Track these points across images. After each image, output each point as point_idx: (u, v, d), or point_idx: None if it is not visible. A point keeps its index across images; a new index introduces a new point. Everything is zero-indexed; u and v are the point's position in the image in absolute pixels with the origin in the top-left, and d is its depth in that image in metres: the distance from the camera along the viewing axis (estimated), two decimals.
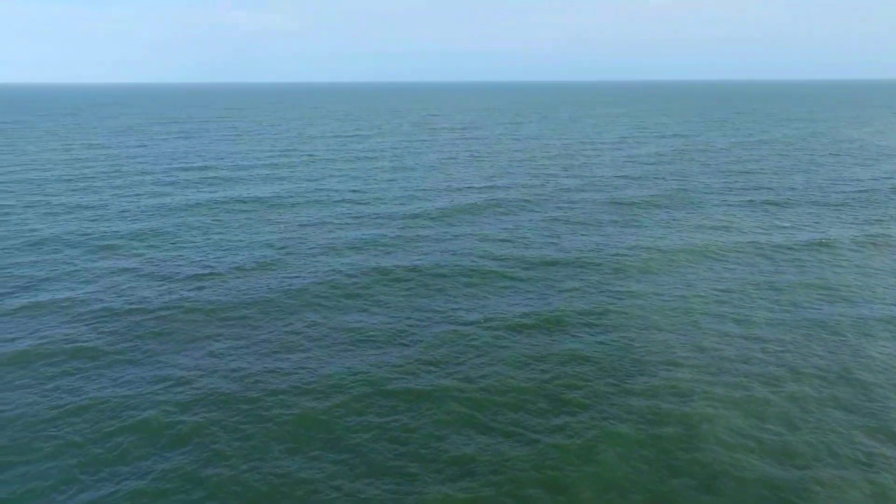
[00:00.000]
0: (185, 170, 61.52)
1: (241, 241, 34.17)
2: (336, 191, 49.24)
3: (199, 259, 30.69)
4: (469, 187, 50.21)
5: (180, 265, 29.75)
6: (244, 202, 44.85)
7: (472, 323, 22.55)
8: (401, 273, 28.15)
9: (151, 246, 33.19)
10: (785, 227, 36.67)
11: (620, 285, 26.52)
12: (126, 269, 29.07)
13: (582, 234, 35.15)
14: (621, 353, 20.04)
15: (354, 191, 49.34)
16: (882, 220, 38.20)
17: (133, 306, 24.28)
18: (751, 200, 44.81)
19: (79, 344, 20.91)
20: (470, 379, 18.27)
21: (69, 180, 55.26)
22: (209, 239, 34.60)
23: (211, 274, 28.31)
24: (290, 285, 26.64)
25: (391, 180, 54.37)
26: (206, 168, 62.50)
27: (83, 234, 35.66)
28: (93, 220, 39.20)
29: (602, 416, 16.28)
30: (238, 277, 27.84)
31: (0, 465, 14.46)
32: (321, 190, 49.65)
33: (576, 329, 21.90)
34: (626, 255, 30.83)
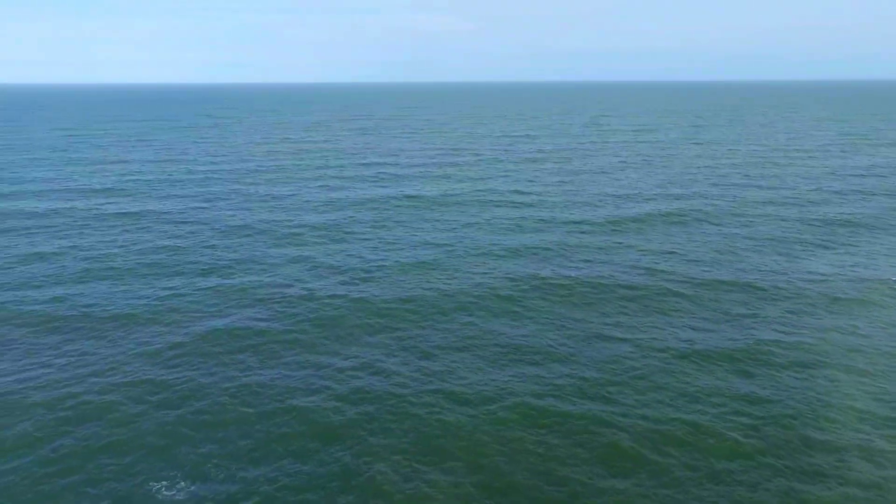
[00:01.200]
0: (362, 165, 65.35)
1: (405, 237, 35.38)
2: (500, 192, 49.29)
3: (366, 253, 32.23)
4: (639, 194, 47.65)
5: (349, 257, 31.44)
6: (411, 199, 46.47)
7: (631, 343, 21.16)
8: (559, 282, 27.29)
9: (326, 238, 35.51)
10: None
11: (807, 317, 23.39)
12: (302, 259, 31.33)
13: (764, 255, 31.67)
14: (805, 397, 17.56)
15: (519, 192, 49.04)
16: None
17: (304, 294, 26.05)
18: None
19: (255, 326, 22.82)
20: (630, 408, 17.05)
21: (263, 171, 61.20)
22: (377, 234, 36.25)
23: (376, 268, 29.56)
24: (447, 286, 26.96)
25: (557, 183, 53.30)
26: (379, 164, 65.89)
27: (271, 223, 39.14)
28: (281, 210, 42.92)
29: (782, 469, 14.31)
30: (399, 273, 28.76)
31: (202, 426, 16.12)
32: (486, 190, 49.99)
33: (751, 364, 19.62)
34: (816, 283, 27.19)
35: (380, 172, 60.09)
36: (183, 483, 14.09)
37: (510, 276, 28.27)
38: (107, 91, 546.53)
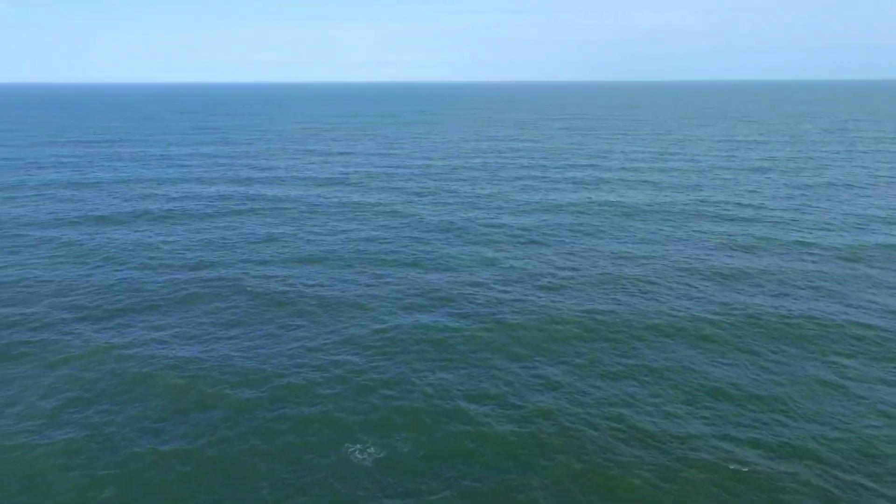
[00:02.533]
0: (566, 167, 64.39)
1: (600, 245, 34.01)
2: (714, 203, 45.21)
3: (558, 260, 31.58)
4: (889, 220, 40.52)
5: (541, 263, 31.06)
6: (613, 205, 44.60)
7: (867, 402, 17.95)
8: (774, 314, 24.16)
9: (521, 240, 35.51)
10: None
11: None
12: (496, 261, 31.66)
13: None
14: None
15: (736, 205, 44.56)
16: None
17: (493, 296, 26.25)
18: None
19: (444, 322, 23.51)
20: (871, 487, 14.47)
21: (470, 169, 63.20)
22: (572, 240, 35.35)
23: (566, 276, 28.81)
24: (641, 304, 25.33)
25: (785, 197, 47.45)
26: (584, 167, 64.33)
27: (470, 221, 40.22)
28: (482, 209, 43.94)
29: None
30: (590, 284, 27.69)
31: (392, 409, 17.14)
32: (697, 200, 46.21)
33: None
34: None
35: (583, 175, 58.68)
36: (372, 450, 15.82)
37: (715, 300, 25.70)
38: (339, 88, 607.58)
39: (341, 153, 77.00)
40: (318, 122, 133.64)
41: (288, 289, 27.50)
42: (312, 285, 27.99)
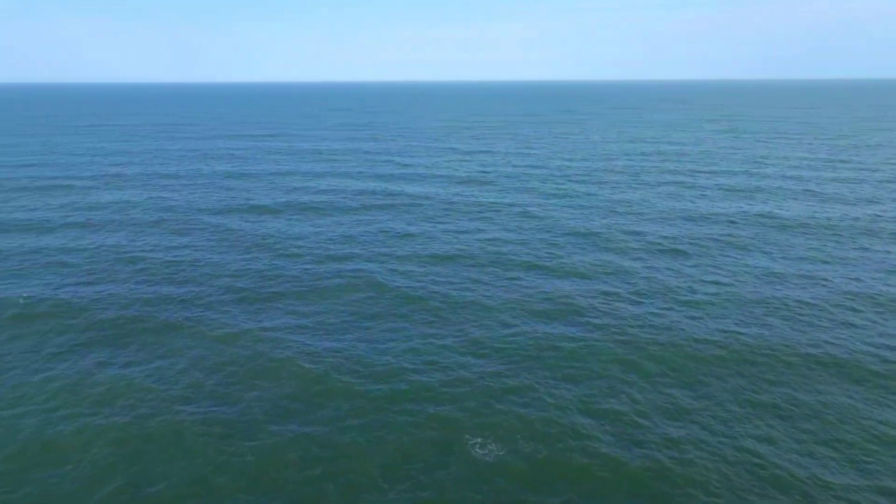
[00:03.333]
0: (716, 173, 60.24)
1: (748, 261, 31.42)
2: (893, 220, 40.08)
3: (697, 274, 29.64)
4: None
5: (678, 276, 29.33)
6: (764, 218, 41.02)
7: None
8: None
9: (660, 252, 33.75)
10: None
11: None
12: (631, 272, 30.37)
13: None
14: None
15: None
16: None
17: (623, 312, 25.21)
18: None
19: (567, 332, 22.98)
20: None
21: (614, 172, 61.16)
22: (716, 254, 33.00)
23: (704, 294, 26.96)
24: (792, 334, 23.07)
25: None
26: (736, 173, 59.80)
27: (609, 228, 38.92)
28: (622, 216, 42.39)
29: None
30: (730, 305, 25.68)
31: (518, 404, 17.20)
32: (869, 217, 41.21)
33: None
34: None
35: (736, 182, 54.54)
36: (493, 447, 16.12)
37: (884, 332, 22.77)
38: (481, 88, 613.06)
39: (481, 152, 77.82)
40: (460, 121, 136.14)
41: (420, 285, 28.29)
42: (444, 283, 28.57)
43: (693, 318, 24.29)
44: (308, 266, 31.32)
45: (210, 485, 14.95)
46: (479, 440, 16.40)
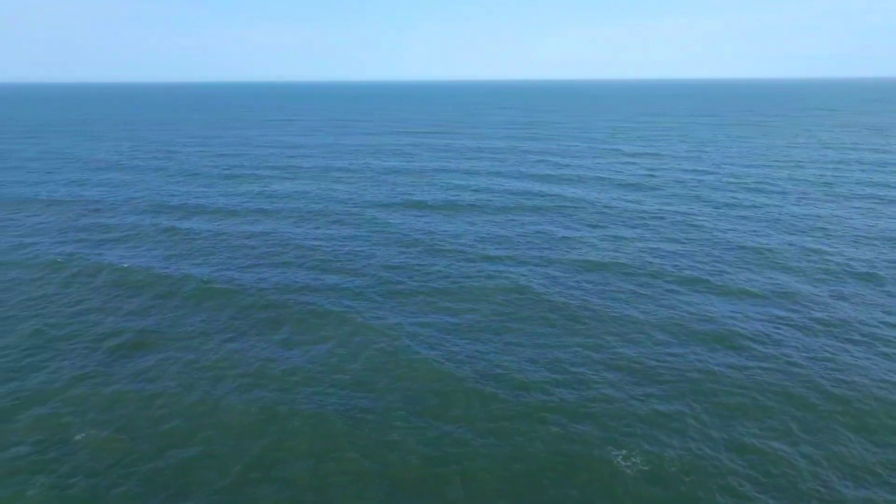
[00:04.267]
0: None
1: None
2: None
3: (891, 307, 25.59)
4: None
5: (877, 307, 25.57)
6: None
7: None
8: None
9: (858, 277, 29.72)
10: None
11: None
12: (817, 298, 27.08)
13: None
14: None
15: None
16: None
17: (803, 340, 22.49)
18: None
19: (727, 361, 20.96)
20: None
21: (807, 182, 55.14)
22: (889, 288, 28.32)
23: (865, 333, 23.19)
24: None
25: None
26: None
27: (798, 247, 35.09)
28: (814, 232, 38.06)
29: None
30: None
31: (666, 417, 16.21)
32: None
33: None
34: None
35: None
36: (637, 460, 15.64)
37: None
38: (647, 86, 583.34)
39: (647, 154, 74.08)
40: (628, 121, 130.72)
41: (571, 293, 27.47)
42: (596, 293, 27.49)
43: (885, 356, 21.02)
44: (459, 264, 31.76)
45: (338, 467, 15.62)
46: (623, 452, 15.89)
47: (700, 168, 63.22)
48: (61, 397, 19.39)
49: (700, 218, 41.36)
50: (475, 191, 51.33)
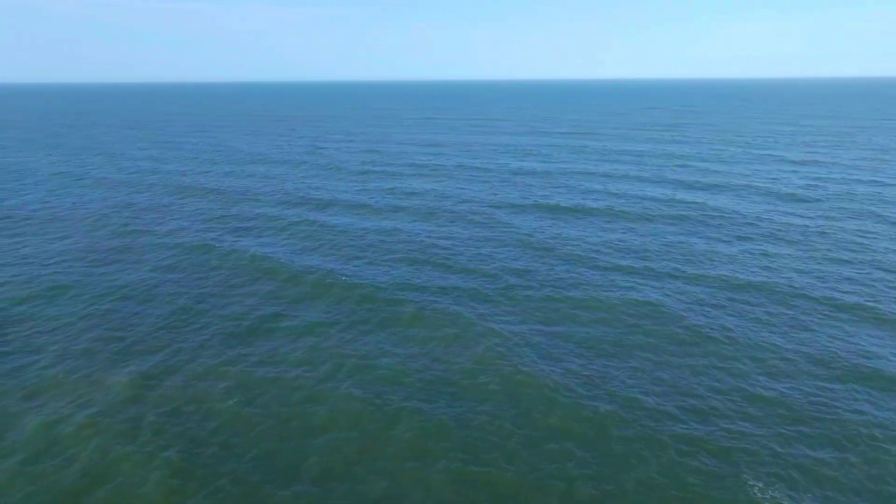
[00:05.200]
0: None
1: None
2: None
3: None
4: None
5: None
6: None
7: None
8: None
9: None
10: None
11: None
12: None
13: None
14: None
15: None
16: None
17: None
18: None
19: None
20: None
21: None
22: None
23: None
24: None
25: None
26: None
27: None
28: None
29: None
30: None
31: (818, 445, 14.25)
32: None
33: None
34: None
35: None
36: (776, 493, 14.32)
37: None
38: (825, 84, 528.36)
39: (811, 162, 66.72)
40: (790, 123, 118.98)
41: (707, 311, 25.07)
42: (736, 314, 24.85)
43: None
44: (588, 272, 30.24)
45: (441, 465, 15.14)
46: (761, 484, 14.44)
47: (877, 179, 55.76)
48: (191, 371, 20.77)
49: (872, 237, 36.25)
50: (612, 195, 48.98)
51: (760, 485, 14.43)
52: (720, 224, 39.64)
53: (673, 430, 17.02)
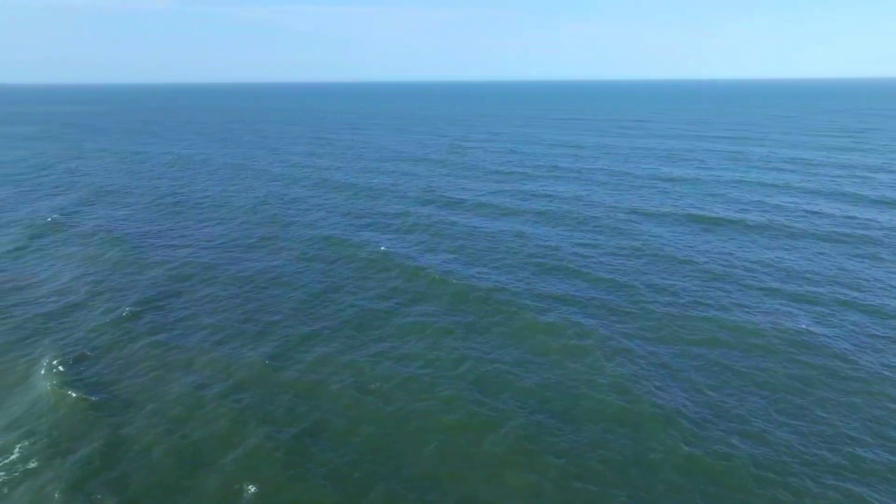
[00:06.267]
0: None
1: None
2: None
3: None
4: None
5: None
6: None
7: None
8: None
9: None
10: None
11: None
12: None
13: None
14: None
15: None
16: None
17: None
18: None
19: None
20: None
21: None
22: None
23: None
24: None
25: None
26: None
27: None
28: None
29: None
30: None
31: None
32: None
33: None
34: None
35: None
36: None
37: None
38: None
39: None
40: None
41: (873, 344, 21.60)
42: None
43: None
44: (731, 292, 27.46)
45: (537, 476, 14.17)
46: None
47: None
48: (317, 356, 21.46)
49: None
50: (775, 208, 44.27)
51: None
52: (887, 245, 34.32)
53: (825, 482, 14.68)
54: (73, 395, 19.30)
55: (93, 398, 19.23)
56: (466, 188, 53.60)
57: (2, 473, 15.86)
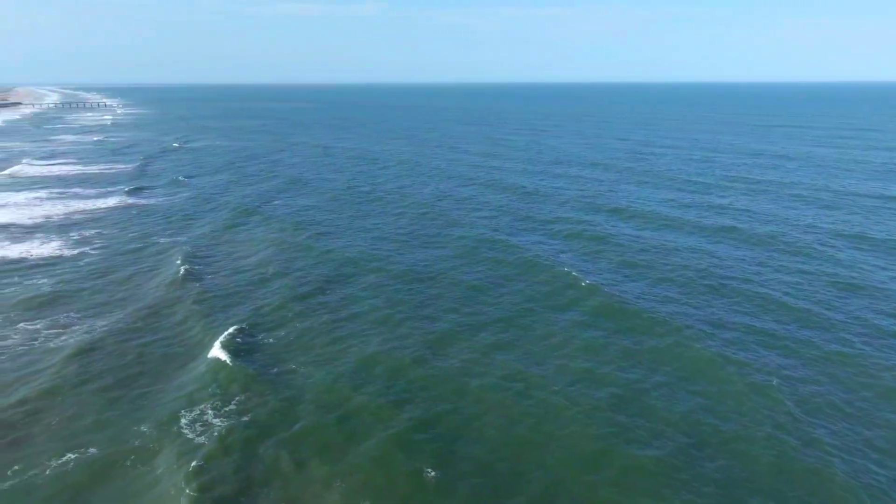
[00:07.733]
0: None
1: None
2: None
3: None
4: None
5: None
6: None
7: None
8: None
9: None
10: None
11: None
12: None
13: None
14: None
15: None
16: None
17: None
18: None
19: None
20: None
21: None
22: None
23: None
24: None
25: None
26: None
27: None
28: None
29: None
30: None
31: None
32: None
33: None
34: None
35: None
36: None
37: None
38: None
39: None
40: None
41: None
42: None
43: None
44: (862, 324, 23.73)
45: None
46: None
47: None
48: (462, 354, 22.39)
49: None
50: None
51: None
52: None
53: None
54: (245, 364, 21.87)
55: (261, 367, 21.82)
56: (636, 195, 51.05)
57: (186, 430, 18.41)
